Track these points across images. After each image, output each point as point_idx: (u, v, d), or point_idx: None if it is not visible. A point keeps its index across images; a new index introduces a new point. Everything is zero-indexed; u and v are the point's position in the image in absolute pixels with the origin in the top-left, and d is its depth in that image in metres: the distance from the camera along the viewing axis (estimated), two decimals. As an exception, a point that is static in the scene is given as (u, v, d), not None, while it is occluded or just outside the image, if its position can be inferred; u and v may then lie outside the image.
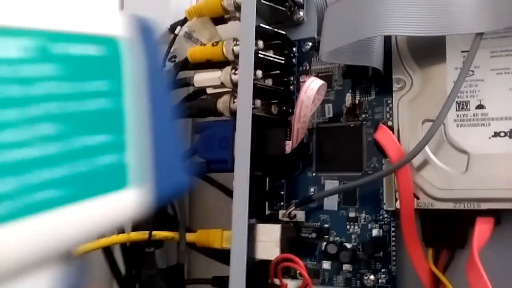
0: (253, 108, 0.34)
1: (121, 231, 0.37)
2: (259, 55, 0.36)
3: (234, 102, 0.37)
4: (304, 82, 0.35)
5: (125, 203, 0.13)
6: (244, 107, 0.33)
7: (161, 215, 0.39)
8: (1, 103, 0.10)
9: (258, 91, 0.35)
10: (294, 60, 0.39)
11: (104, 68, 0.13)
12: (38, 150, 0.11)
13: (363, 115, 0.36)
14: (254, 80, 0.35)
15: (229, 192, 0.39)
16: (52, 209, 0.11)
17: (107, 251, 0.39)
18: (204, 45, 0.41)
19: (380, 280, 0.33)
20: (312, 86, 0.33)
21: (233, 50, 0.38)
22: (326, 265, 0.35)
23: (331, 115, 0.37)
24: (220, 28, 0.42)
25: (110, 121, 0.12)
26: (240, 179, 0.32)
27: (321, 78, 0.36)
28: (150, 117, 0.13)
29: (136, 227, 0.37)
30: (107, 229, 0.11)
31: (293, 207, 0.36)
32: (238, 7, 0.39)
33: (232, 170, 0.33)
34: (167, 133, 0.14)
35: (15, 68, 0.10)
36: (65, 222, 0.11)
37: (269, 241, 0.34)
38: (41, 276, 0.11)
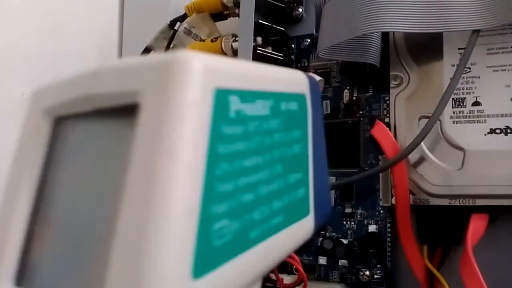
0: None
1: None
2: (258, 51, 0.36)
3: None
4: (301, 78, 0.35)
5: (305, 229, 0.16)
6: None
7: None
8: (253, 152, 0.13)
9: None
10: (292, 57, 0.40)
11: (298, 119, 0.16)
12: (271, 186, 0.14)
13: (361, 112, 0.36)
14: (252, 75, 0.35)
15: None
16: (270, 237, 0.13)
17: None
18: (204, 41, 0.41)
19: (375, 276, 0.34)
20: (309, 82, 0.33)
21: (232, 46, 0.39)
22: (322, 260, 0.35)
23: (328, 111, 0.37)
24: (220, 24, 0.42)
25: (301, 162, 0.16)
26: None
27: (319, 74, 0.36)
28: (315, 156, 0.16)
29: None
30: (292, 251, 0.16)
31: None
32: (237, 3, 0.39)
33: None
34: (323, 170, 0.17)
35: (262, 122, 0.13)
36: (275, 247, 0.14)
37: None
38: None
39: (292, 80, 0.16)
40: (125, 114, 0.11)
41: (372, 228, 0.34)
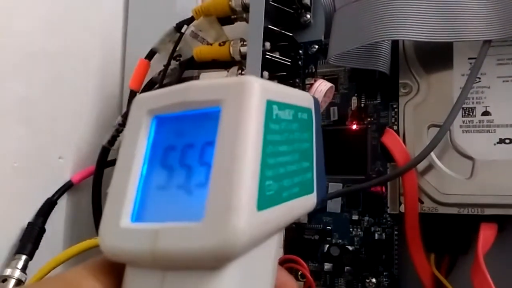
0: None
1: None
2: (267, 56, 0.36)
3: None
4: (311, 84, 0.35)
5: (310, 202, 0.21)
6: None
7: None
8: (284, 142, 0.19)
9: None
10: (300, 63, 0.40)
11: (307, 125, 0.22)
12: (293, 166, 0.20)
13: (369, 119, 0.36)
14: (261, 80, 0.35)
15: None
16: (292, 200, 0.19)
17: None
18: (211, 44, 0.41)
19: (382, 284, 0.34)
20: (320, 89, 0.33)
21: (240, 50, 0.38)
22: (328, 267, 0.35)
23: (336, 118, 0.37)
24: (226, 28, 0.42)
25: (308, 154, 0.22)
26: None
27: (327, 81, 0.36)
28: (316, 151, 0.23)
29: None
30: (302, 216, 0.23)
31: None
32: (245, 8, 0.39)
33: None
34: (321, 164, 0.23)
35: (288, 124, 0.20)
36: (294, 208, 0.19)
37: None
38: (275, 237, 0.19)
39: (304, 98, 0.22)
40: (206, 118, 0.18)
41: (379, 235, 0.34)
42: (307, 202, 0.21)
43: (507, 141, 0.31)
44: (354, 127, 0.37)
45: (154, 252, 0.16)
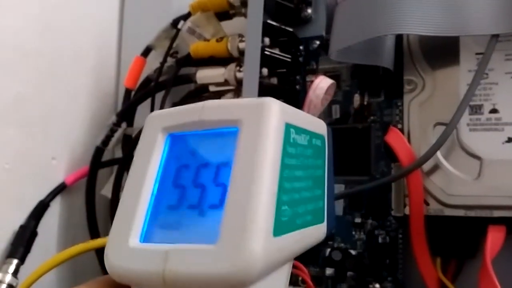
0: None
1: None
2: (266, 52, 0.35)
3: (238, 101, 0.35)
4: (312, 81, 0.34)
5: (321, 232, 0.21)
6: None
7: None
8: (299, 167, 0.19)
9: (264, 89, 0.34)
10: (300, 59, 0.38)
11: (320, 152, 0.21)
12: (307, 193, 0.19)
13: (372, 117, 0.35)
14: (259, 78, 0.33)
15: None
16: (305, 228, 0.19)
17: (100, 253, 0.37)
18: (208, 40, 0.39)
19: (386, 289, 0.32)
20: (321, 85, 0.32)
21: (238, 46, 0.37)
22: (330, 272, 0.34)
23: (338, 116, 0.36)
24: (224, 24, 0.41)
25: (321, 182, 0.21)
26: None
27: (328, 78, 0.35)
28: (328, 181, 0.22)
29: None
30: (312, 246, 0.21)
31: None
32: (244, 3, 0.38)
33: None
34: (332, 191, 0.23)
35: (304, 149, 0.19)
36: (306, 236, 0.19)
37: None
38: (285, 267, 0.18)
39: (319, 125, 0.22)
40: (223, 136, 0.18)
41: (382, 238, 0.33)
42: (319, 232, 0.21)
43: (516, 140, 0.30)
44: (357, 125, 0.35)
45: (164, 275, 0.15)
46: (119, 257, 0.17)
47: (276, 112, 0.17)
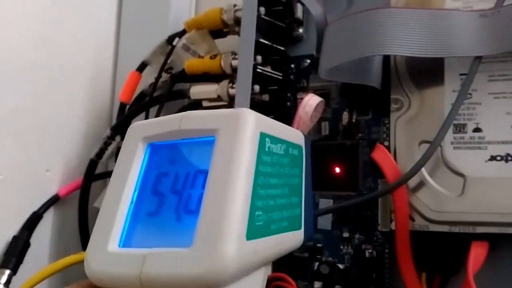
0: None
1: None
2: (258, 69, 0.36)
3: (230, 116, 0.36)
4: (302, 98, 0.34)
5: (298, 238, 0.22)
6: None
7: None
8: (274, 175, 0.19)
9: (255, 106, 0.35)
10: (292, 77, 0.39)
11: (297, 161, 0.22)
12: (282, 200, 0.20)
13: (360, 134, 0.36)
14: (251, 94, 0.34)
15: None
16: (281, 233, 0.19)
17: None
18: (202, 57, 0.40)
19: (372, 303, 0.33)
20: (310, 103, 0.33)
21: (231, 63, 0.38)
22: (318, 285, 0.34)
23: (327, 133, 0.37)
24: (218, 42, 0.42)
25: (297, 190, 0.22)
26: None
27: (318, 95, 0.36)
28: (305, 190, 0.23)
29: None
30: (288, 253, 0.22)
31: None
32: (237, 21, 0.39)
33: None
34: (310, 199, 0.23)
35: (280, 158, 0.20)
36: (282, 242, 0.20)
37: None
38: (261, 271, 0.19)
39: (296, 136, 0.23)
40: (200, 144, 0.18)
41: (369, 253, 0.34)
42: (295, 238, 0.21)
43: (498, 158, 0.30)
44: (346, 142, 0.36)
45: (141, 277, 0.16)
46: (99, 262, 0.17)
47: (251, 122, 0.18)
